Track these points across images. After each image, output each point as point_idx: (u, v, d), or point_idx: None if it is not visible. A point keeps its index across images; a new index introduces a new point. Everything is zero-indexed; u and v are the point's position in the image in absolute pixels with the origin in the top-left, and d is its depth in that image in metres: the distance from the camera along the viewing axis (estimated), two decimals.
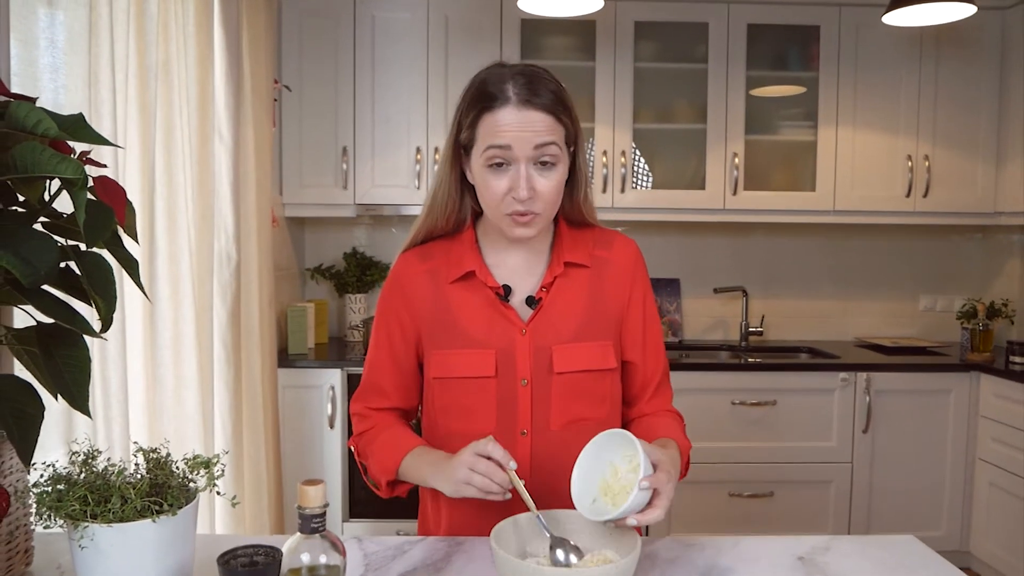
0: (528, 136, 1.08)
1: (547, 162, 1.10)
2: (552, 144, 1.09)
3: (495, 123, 1.08)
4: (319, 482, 0.85)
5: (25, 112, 0.79)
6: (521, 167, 1.09)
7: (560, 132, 1.11)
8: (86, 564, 0.77)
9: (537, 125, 1.08)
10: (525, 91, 1.09)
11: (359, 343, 3.32)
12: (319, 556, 0.84)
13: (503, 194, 1.11)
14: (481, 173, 1.12)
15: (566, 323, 1.20)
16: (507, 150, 1.08)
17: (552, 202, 1.13)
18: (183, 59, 1.75)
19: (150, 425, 1.67)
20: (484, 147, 1.10)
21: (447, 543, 1.14)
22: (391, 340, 1.24)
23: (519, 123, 1.07)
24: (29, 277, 0.76)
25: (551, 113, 1.09)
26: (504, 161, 1.10)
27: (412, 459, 1.14)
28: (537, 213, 1.12)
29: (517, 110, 1.08)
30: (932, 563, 1.09)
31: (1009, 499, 2.88)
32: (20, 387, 0.90)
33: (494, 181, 1.11)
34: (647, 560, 1.08)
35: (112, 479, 0.80)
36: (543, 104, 1.09)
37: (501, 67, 1.14)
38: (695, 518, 3.01)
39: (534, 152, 1.09)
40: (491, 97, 1.09)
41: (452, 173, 1.19)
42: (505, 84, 1.10)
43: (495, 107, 1.09)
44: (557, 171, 1.12)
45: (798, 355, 3.43)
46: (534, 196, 1.10)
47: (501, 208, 1.12)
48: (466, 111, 1.13)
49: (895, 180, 3.25)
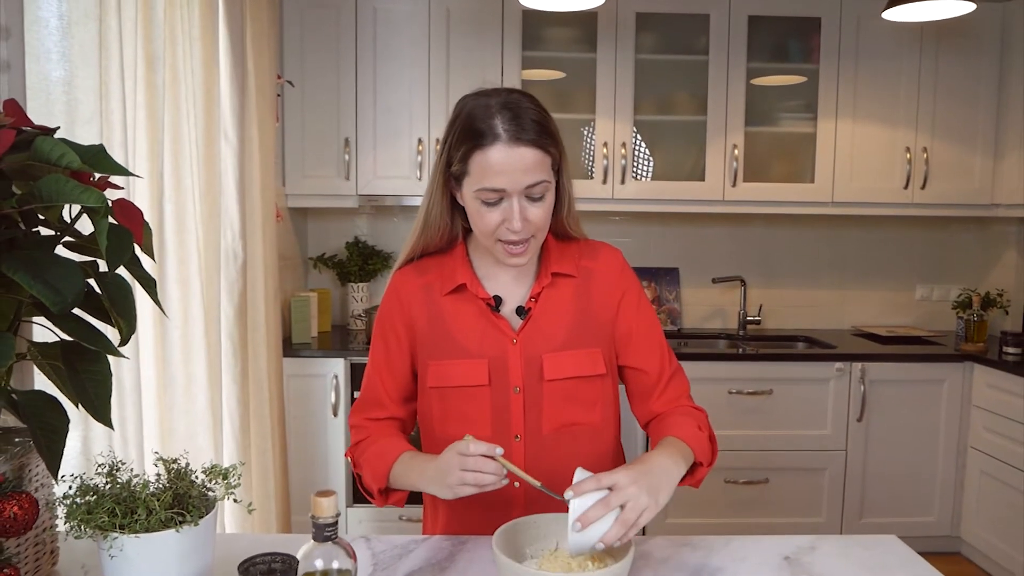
0: (519, 176, 1.12)
1: (536, 196, 1.15)
2: (542, 182, 1.14)
3: (487, 163, 1.12)
4: (331, 493, 0.91)
5: (50, 147, 0.83)
6: (514, 201, 1.14)
7: (547, 163, 1.15)
8: (115, 571, 0.82)
9: (527, 161, 1.12)
10: (513, 127, 1.12)
11: (362, 331, 3.37)
12: (332, 562, 0.90)
13: (496, 225, 1.16)
14: (474, 205, 1.17)
15: (555, 332, 1.25)
16: (500, 193, 1.13)
17: (543, 227, 1.19)
18: (189, 63, 1.78)
19: (161, 422, 1.72)
20: (477, 187, 1.14)
21: (451, 542, 1.20)
22: (388, 352, 1.29)
23: (510, 163, 1.11)
24: (57, 305, 0.80)
25: (539, 147, 1.13)
26: (496, 198, 1.14)
27: (400, 466, 1.18)
28: (529, 240, 1.17)
29: (507, 148, 1.11)
30: (912, 563, 1.15)
31: (999, 487, 2.94)
32: (47, 401, 0.94)
33: (488, 214, 1.15)
34: (641, 560, 1.13)
35: (137, 491, 0.85)
36: (530, 140, 1.12)
37: (487, 97, 1.16)
38: (691, 504, 3.08)
39: (525, 189, 1.14)
40: (480, 134, 1.12)
41: (443, 198, 1.23)
42: (493, 120, 1.13)
43: (485, 145, 1.12)
44: (546, 200, 1.17)
45: (795, 344, 3.48)
46: (526, 225, 1.15)
47: (495, 236, 1.17)
48: (456, 144, 1.16)
49: (893, 172, 3.27)
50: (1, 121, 0.83)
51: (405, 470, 1.18)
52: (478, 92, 1.19)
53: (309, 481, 2.97)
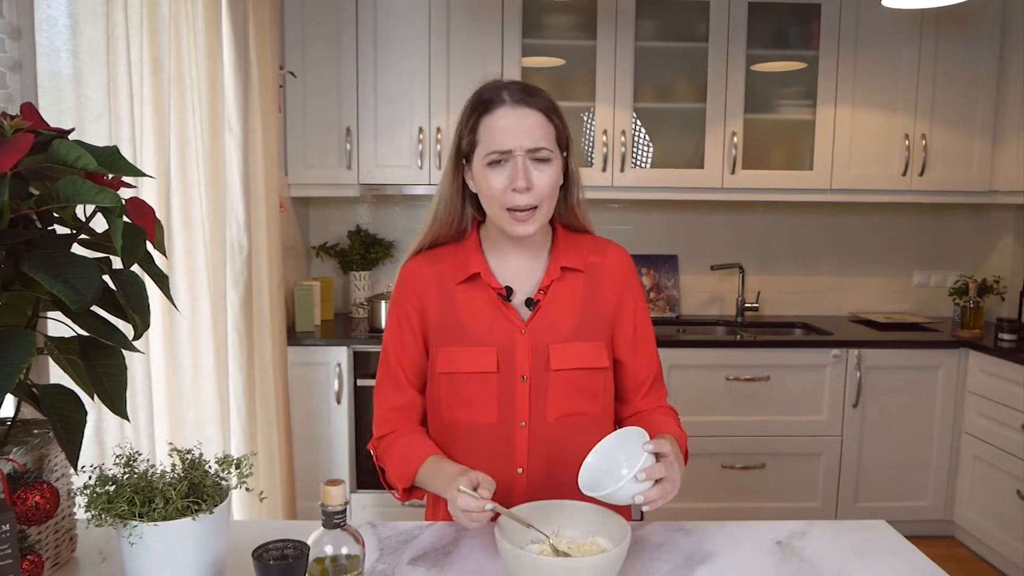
0: (523, 136, 1.18)
1: (542, 158, 1.20)
2: (544, 148, 1.20)
3: (493, 125, 1.19)
4: (340, 482, 0.95)
5: (67, 149, 0.86)
6: (519, 161, 1.19)
7: (551, 132, 1.21)
8: (134, 557, 0.86)
9: (530, 121, 1.19)
10: (519, 94, 1.20)
11: (364, 319, 3.41)
12: (341, 548, 0.94)
13: (503, 188, 1.20)
14: (482, 172, 1.22)
15: (563, 323, 1.29)
16: (506, 155, 1.19)
17: (548, 196, 1.22)
18: (194, 57, 1.81)
19: (171, 412, 1.76)
20: (484, 152, 1.20)
21: (454, 528, 1.24)
22: (403, 337, 1.33)
23: (515, 122, 1.18)
24: (77, 303, 0.83)
25: (542, 112, 1.20)
26: (503, 159, 1.19)
27: (425, 471, 1.23)
28: (535, 207, 1.21)
29: (512, 109, 1.19)
30: (901, 548, 1.19)
31: (993, 471, 2.99)
32: (66, 394, 0.98)
33: (494, 178, 1.20)
34: (637, 544, 1.17)
35: (155, 481, 0.89)
36: (535, 103, 1.20)
37: (497, 81, 1.24)
38: (689, 489, 3.10)
39: (529, 151, 1.19)
40: (488, 101, 1.20)
41: (454, 183, 1.28)
42: (500, 91, 1.21)
43: (492, 109, 1.19)
44: (551, 167, 1.21)
45: (792, 331, 3.52)
46: (531, 189, 1.19)
47: (502, 202, 1.21)
48: (466, 120, 1.23)
49: (892, 159, 3.30)
50: (19, 125, 0.86)
51: (430, 476, 1.22)
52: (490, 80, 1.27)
53: (314, 468, 3.02)
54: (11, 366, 0.82)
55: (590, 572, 0.98)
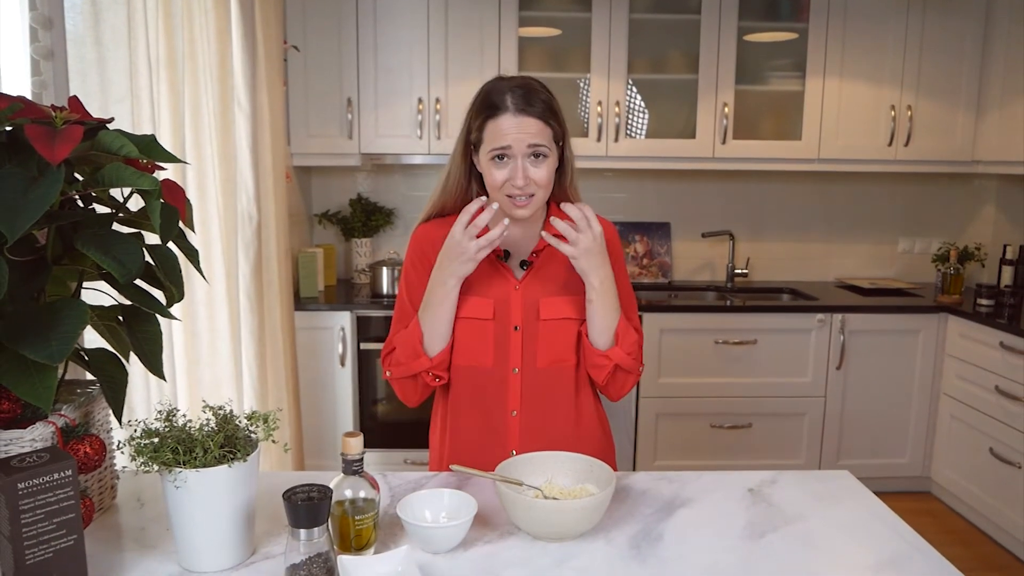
0: (523, 138, 1.33)
1: (538, 155, 1.36)
2: (542, 146, 1.35)
3: (497, 129, 1.34)
4: (358, 434, 1.08)
5: (111, 139, 0.96)
6: (518, 160, 1.35)
7: (549, 133, 1.36)
8: (178, 500, 0.98)
9: (530, 128, 1.34)
10: (521, 102, 1.34)
11: (366, 285, 3.52)
12: (359, 492, 1.07)
13: (504, 181, 1.36)
14: (487, 165, 1.38)
15: (552, 282, 1.45)
16: (507, 150, 1.34)
17: (544, 186, 1.38)
18: (205, 36, 1.88)
19: (189, 374, 1.88)
20: (489, 148, 1.35)
21: (458, 477, 1.36)
22: (411, 292, 1.49)
23: (516, 128, 1.33)
24: (124, 276, 0.94)
25: (541, 119, 1.35)
26: (505, 156, 1.35)
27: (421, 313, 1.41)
28: (532, 195, 1.37)
29: (514, 117, 1.33)
30: (859, 494, 1.32)
31: (968, 431, 3.13)
32: (109, 357, 1.09)
33: (497, 171, 1.37)
34: (622, 492, 1.30)
35: (194, 433, 1.01)
36: (535, 112, 1.34)
37: (504, 81, 1.39)
38: (679, 447, 3.28)
39: (528, 149, 1.34)
40: (494, 107, 1.35)
41: (463, 163, 1.44)
42: (504, 96, 1.35)
43: (497, 115, 1.34)
44: (547, 163, 1.37)
45: (780, 296, 3.64)
46: (528, 182, 1.36)
47: (503, 191, 1.38)
48: (474, 117, 1.39)
49: (878, 129, 3.38)
50: (68, 117, 0.96)
51: (423, 309, 1.40)
52: (498, 77, 1.41)
53: (320, 427, 3.16)
54: (68, 333, 0.93)
55: (579, 513, 1.11)
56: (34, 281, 0.99)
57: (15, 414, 1.03)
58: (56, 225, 1.01)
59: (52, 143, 0.90)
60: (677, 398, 3.24)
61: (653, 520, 1.21)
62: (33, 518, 0.89)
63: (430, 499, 1.17)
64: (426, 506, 1.16)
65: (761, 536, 1.16)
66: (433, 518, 1.15)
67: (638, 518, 1.21)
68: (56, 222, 0.99)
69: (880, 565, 1.09)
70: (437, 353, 1.41)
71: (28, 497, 0.88)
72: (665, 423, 3.27)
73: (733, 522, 1.21)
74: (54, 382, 0.94)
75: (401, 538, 1.13)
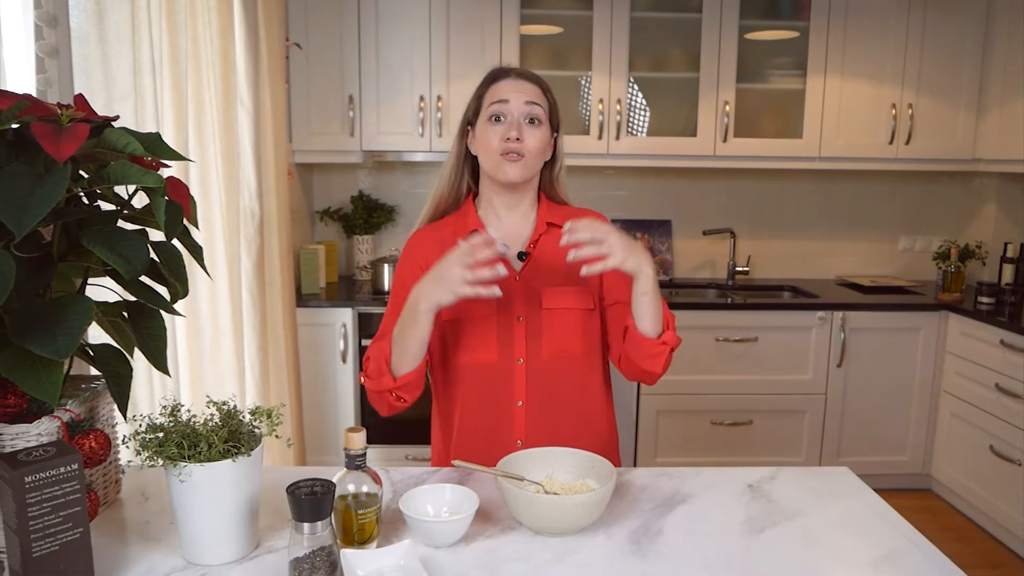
0: (520, 96, 1.40)
1: (534, 119, 1.41)
2: (538, 106, 1.41)
3: (496, 89, 1.42)
4: (360, 429, 1.08)
5: (116, 136, 0.97)
6: (514, 117, 1.40)
7: (545, 103, 1.42)
8: (183, 494, 0.99)
9: (527, 89, 1.42)
10: (521, 72, 1.45)
11: (367, 282, 3.53)
12: (362, 486, 1.08)
13: (499, 139, 1.40)
14: (483, 128, 1.42)
15: (553, 270, 1.46)
16: (504, 103, 1.40)
17: (536, 151, 1.42)
18: (208, 34, 1.89)
19: (192, 370, 1.89)
20: (488, 105, 1.41)
21: (460, 473, 1.37)
22: (396, 303, 1.46)
23: (514, 87, 1.42)
24: (130, 272, 0.95)
25: (539, 86, 1.44)
26: (501, 115, 1.40)
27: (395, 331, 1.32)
28: (523, 155, 1.40)
29: (513, 80, 1.43)
30: (858, 491, 1.32)
31: (969, 428, 3.14)
32: (114, 353, 1.10)
33: (492, 131, 1.41)
34: (623, 487, 1.31)
35: (198, 428, 1.02)
36: (534, 79, 1.43)
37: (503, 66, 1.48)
38: (679, 444, 3.29)
39: (525, 107, 1.39)
40: (494, 75, 1.45)
41: (459, 147, 1.49)
42: (506, 69, 1.46)
43: (497, 80, 1.44)
44: (541, 129, 1.42)
45: (781, 294, 3.65)
46: (523, 141, 1.39)
47: (497, 149, 1.40)
48: (475, 95, 1.46)
49: (879, 128, 3.39)
50: (74, 115, 0.97)
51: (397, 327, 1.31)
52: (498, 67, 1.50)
53: (321, 423, 3.17)
54: (74, 328, 0.93)
55: (580, 508, 1.12)
56: (40, 277, 1.00)
57: (21, 408, 1.03)
58: (62, 222, 1.01)
59: (58, 141, 0.91)
60: (678, 395, 3.25)
61: (653, 516, 1.22)
62: (40, 511, 0.90)
63: (432, 494, 1.18)
64: (428, 501, 1.17)
65: (761, 532, 1.17)
66: (435, 513, 1.16)
67: (638, 514, 1.22)
68: (62, 219, 0.99)
69: (879, 561, 1.10)
70: (402, 375, 1.32)
71: (35, 491, 0.89)
72: (666, 420, 3.28)
73: (733, 518, 1.21)
74: (60, 377, 0.95)
75: (403, 532, 1.14)
